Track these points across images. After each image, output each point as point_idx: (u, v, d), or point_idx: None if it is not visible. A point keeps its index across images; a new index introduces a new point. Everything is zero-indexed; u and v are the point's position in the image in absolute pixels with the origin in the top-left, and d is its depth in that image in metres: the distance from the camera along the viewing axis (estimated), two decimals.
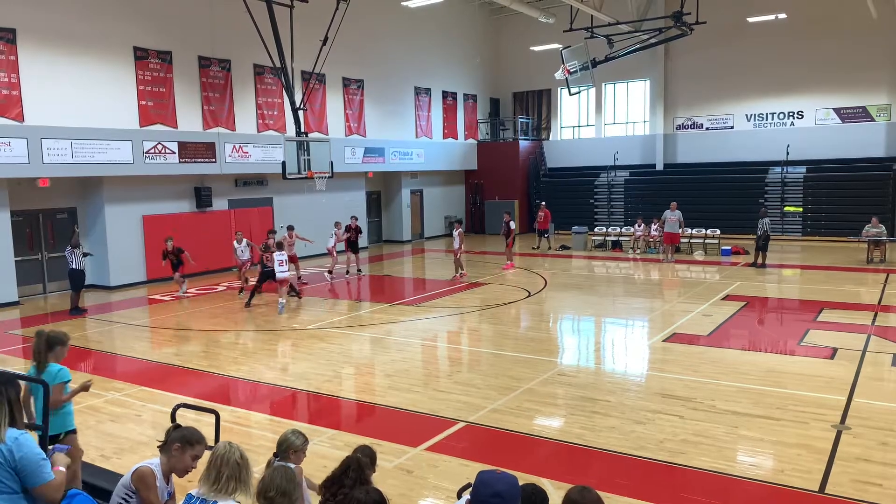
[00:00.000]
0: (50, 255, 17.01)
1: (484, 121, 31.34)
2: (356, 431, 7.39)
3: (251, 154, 20.00)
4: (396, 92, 26.05)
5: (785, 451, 6.49)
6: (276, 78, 19.38)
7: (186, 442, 3.70)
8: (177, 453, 3.69)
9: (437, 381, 9.30)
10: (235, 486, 3.16)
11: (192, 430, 3.78)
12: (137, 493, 3.59)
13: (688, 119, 27.79)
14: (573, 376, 9.30)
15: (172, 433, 3.77)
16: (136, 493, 3.60)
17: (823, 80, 24.75)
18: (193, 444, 3.71)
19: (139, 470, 3.62)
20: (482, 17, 30.22)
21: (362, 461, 3.85)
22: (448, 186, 29.95)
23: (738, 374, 9.04)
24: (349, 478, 3.70)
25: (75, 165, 15.94)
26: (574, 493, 2.97)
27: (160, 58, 17.77)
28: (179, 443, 3.69)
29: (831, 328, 11.48)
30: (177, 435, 3.74)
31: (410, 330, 12.33)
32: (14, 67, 14.94)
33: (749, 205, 24.56)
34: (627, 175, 28.20)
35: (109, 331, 13.02)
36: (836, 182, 24.08)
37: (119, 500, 3.62)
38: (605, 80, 28.03)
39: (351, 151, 23.48)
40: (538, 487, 3.26)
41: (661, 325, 12.12)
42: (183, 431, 3.76)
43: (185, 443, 3.69)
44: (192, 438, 3.72)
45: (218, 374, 9.78)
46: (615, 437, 6.93)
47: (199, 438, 3.76)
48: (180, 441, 3.70)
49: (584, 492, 2.97)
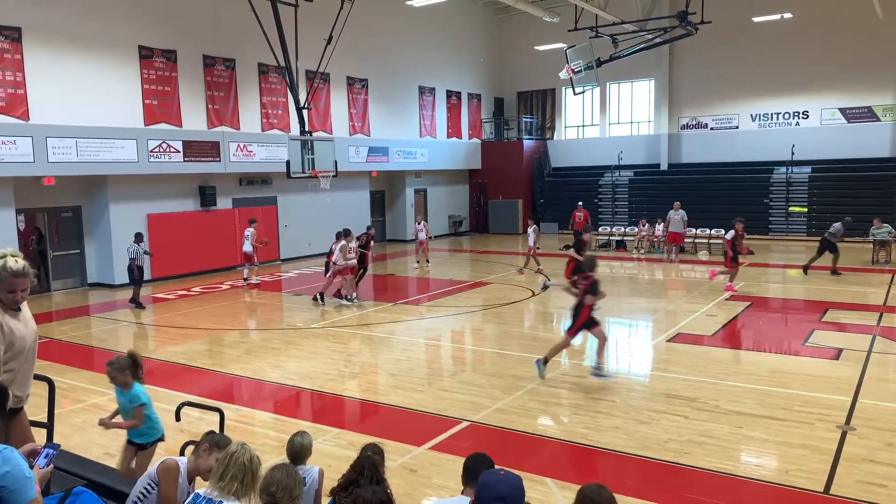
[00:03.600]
0: (55, 254, 17.06)
1: (488, 120, 31.31)
2: (360, 430, 7.39)
3: (255, 153, 20.02)
4: (401, 91, 26.05)
5: (790, 452, 6.47)
6: (280, 77, 19.39)
7: (216, 445, 3.80)
8: (205, 453, 3.80)
9: (441, 380, 9.30)
10: (239, 489, 3.12)
11: (225, 437, 3.92)
12: (159, 485, 3.63)
13: (692, 119, 27.72)
14: (577, 376, 9.28)
15: (206, 436, 3.90)
16: (158, 485, 3.63)
17: (829, 80, 24.65)
18: (222, 448, 3.73)
19: (166, 462, 3.73)
20: (486, 17, 30.21)
21: (375, 460, 3.85)
22: (452, 186, 29.94)
23: (743, 374, 9.02)
24: (365, 477, 3.71)
25: (80, 164, 15.97)
26: (591, 491, 2.91)
27: (165, 57, 17.80)
28: (209, 444, 3.81)
29: (836, 329, 11.45)
30: (209, 438, 3.87)
31: (414, 329, 12.33)
32: (19, 66, 14.97)
33: (754, 205, 24.53)
34: (632, 175, 28.14)
35: (114, 329, 13.05)
36: (841, 182, 23.99)
37: (141, 490, 3.66)
38: (609, 79, 27.98)
39: (355, 150, 23.49)
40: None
41: (665, 325, 12.09)
42: (216, 436, 3.90)
43: (215, 445, 3.79)
44: (222, 443, 3.81)
45: (222, 373, 9.80)
46: (619, 437, 6.92)
47: (224, 442, 3.83)
48: (210, 443, 3.82)
49: (600, 490, 2.92)
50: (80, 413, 8.05)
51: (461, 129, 29.55)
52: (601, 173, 28.73)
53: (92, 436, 7.25)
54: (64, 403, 8.21)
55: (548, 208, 29.58)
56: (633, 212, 26.80)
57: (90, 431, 7.42)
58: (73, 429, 7.49)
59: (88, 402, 8.46)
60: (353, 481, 3.75)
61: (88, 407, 8.26)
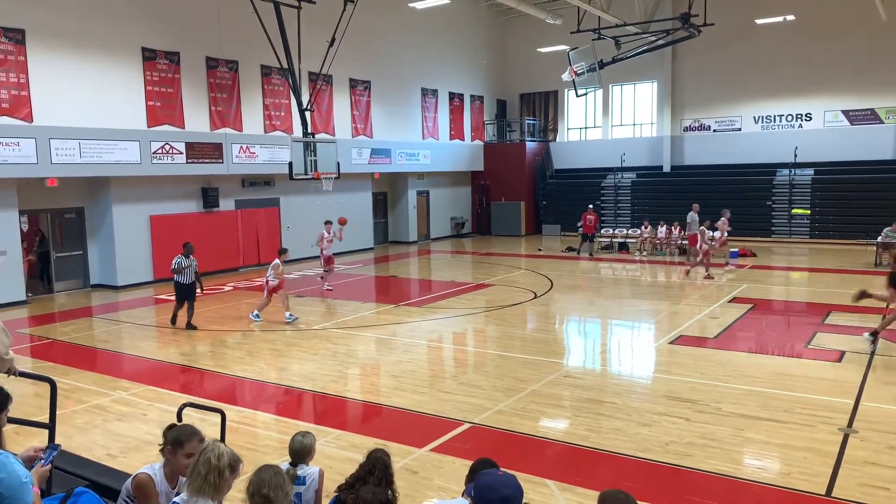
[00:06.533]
0: (58, 255, 17.10)
1: (491, 122, 31.33)
2: (362, 432, 7.39)
3: (258, 155, 20.04)
4: (403, 93, 26.07)
5: (792, 455, 6.46)
6: (283, 79, 19.42)
7: (176, 443, 3.61)
8: (170, 456, 3.62)
9: (443, 382, 9.30)
10: (208, 488, 3.06)
11: (183, 429, 3.69)
12: (137, 499, 3.55)
13: (695, 121, 27.70)
14: (579, 378, 9.28)
15: (167, 434, 3.70)
16: (135, 499, 3.55)
17: (832, 82, 24.62)
18: (184, 444, 3.61)
19: (137, 478, 3.54)
20: (489, 19, 30.23)
21: (386, 461, 3.86)
22: (454, 188, 29.95)
23: (745, 376, 9.00)
24: (374, 477, 3.71)
25: (83, 165, 16.01)
26: (619, 497, 2.83)
27: (168, 58, 17.84)
28: (171, 445, 3.62)
29: (839, 331, 11.42)
30: (169, 437, 3.66)
31: (416, 331, 12.33)
32: (23, 68, 15.02)
33: (757, 207, 24.50)
34: (634, 177, 28.13)
35: (117, 330, 13.07)
36: (844, 185, 23.95)
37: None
38: (612, 81, 27.99)
39: (357, 152, 23.51)
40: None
41: (667, 328, 12.08)
42: (174, 433, 3.67)
43: (175, 444, 3.61)
44: (181, 438, 3.62)
45: (224, 374, 9.80)
46: (621, 439, 6.91)
47: (188, 436, 3.64)
48: (171, 444, 3.62)
49: (628, 499, 2.85)
50: (83, 414, 8.07)
51: (463, 131, 29.56)
52: (604, 175, 28.73)
53: (94, 436, 7.27)
54: (66, 404, 8.23)
55: (550, 210, 29.59)
56: (636, 214, 26.78)
57: (92, 432, 7.45)
58: (76, 429, 7.50)
59: (91, 403, 8.48)
60: (360, 479, 3.75)
61: (91, 408, 8.28)
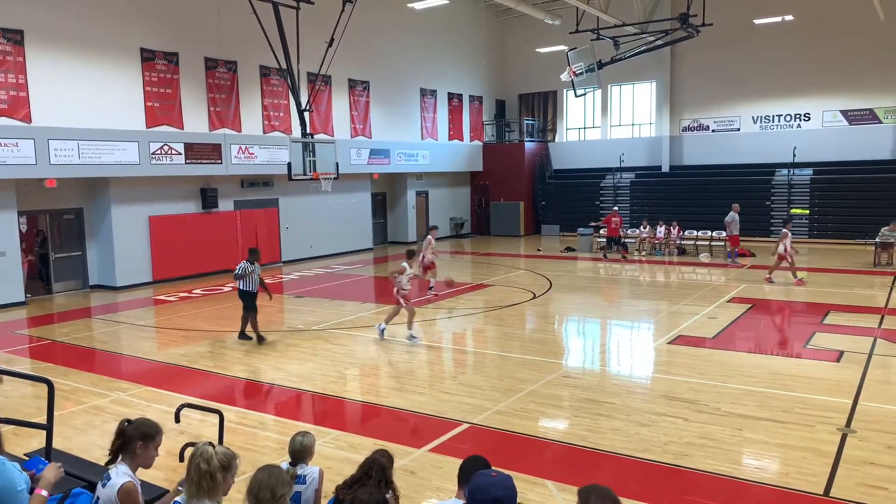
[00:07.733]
0: (57, 256, 17.09)
1: (489, 122, 31.33)
2: (361, 433, 7.39)
3: (257, 155, 20.04)
4: (402, 93, 26.07)
5: (790, 454, 6.46)
6: (281, 79, 19.42)
7: (147, 437, 3.62)
8: (141, 451, 3.61)
9: (442, 382, 9.30)
10: (202, 491, 3.11)
11: (145, 422, 3.69)
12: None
13: (694, 121, 27.71)
14: (578, 378, 9.28)
15: (127, 430, 3.63)
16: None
17: (830, 82, 24.63)
18: (154, 436, 3.64)
19: (124, 487, 3.48)
20: (488, 19, 30.22)
21: (383, 462, 3.87)
22: (453, 188, 29.95)
23: (744, 376, 9.01)
24: (372, 478, 3.71)
25: (82, 166, 16.00)
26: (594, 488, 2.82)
27: (167, 59, 17.84)
28: (141, 440, 3.61)
29: (838, 331, 11.43)
30: (135, 433, 3.63)
31: (415, 331, 12.30)
32: (21, 69, 15.01)
33: (755, 207, 24.49)
34: (633, 177, 28.13)
35: (115, 331, 13.06)
36: (842, 184, 23.96)
37: None
38: (610, 81, 28.00)
39: (356, 153, 23.51)
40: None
41: (666, 328, 12.08)
42: (140, 428, 3.65)
43: (146, 437, 3.62)
44: (150, 431, 3.64)
45: (223, 375, 9.80)
46: (620, 440, 6.92)
47: (155, 428, 3.67)
48: (142, 439, 3.61)
49: (607, 491, 2.80)
50: (81, 415, 8.06)
51: (462, 132, 29.56)
52: (603, 175, 28.73)
53: (92, 438, 7.27)
54: (65, 405, 8.23)
55: (549, 210, 29.59)
56: (635, 214, 26.79)
57: (91, 433, 7.44)
58: (74, 431, 7.50)
59: (89, 403, 8.47)
60: (358, 480, 3.76)
61: (89, 409, 8.28)
